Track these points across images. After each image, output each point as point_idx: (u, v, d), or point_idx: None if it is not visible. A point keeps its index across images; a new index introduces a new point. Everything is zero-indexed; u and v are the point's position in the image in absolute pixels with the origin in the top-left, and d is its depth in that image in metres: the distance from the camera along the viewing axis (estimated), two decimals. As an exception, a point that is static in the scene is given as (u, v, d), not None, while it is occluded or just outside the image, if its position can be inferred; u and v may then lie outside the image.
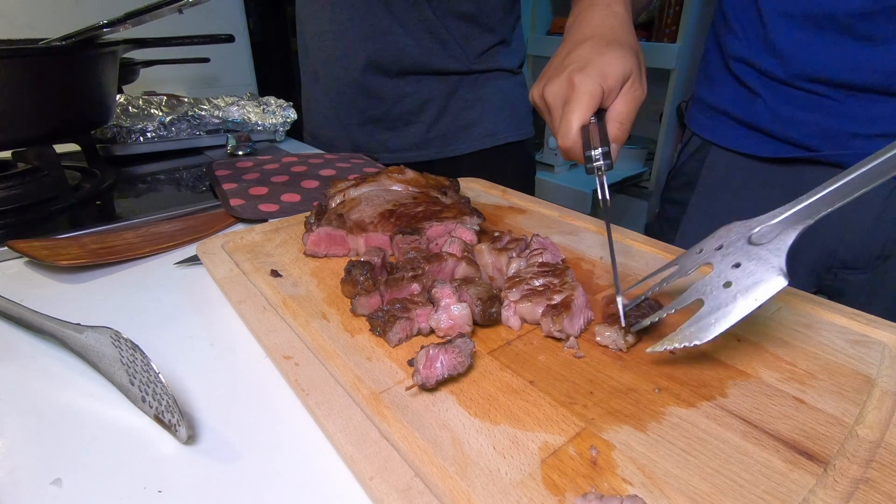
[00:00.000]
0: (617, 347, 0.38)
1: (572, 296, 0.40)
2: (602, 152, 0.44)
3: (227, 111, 1.01)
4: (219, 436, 0.33)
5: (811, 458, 0.29)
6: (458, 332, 0.40)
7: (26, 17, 1.33)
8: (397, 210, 0.55)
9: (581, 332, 0.41)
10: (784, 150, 0.64)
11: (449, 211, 0.55)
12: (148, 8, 0.65)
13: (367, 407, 0.32)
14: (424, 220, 0.53)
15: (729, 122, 0.70)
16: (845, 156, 0.60)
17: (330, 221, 0.52)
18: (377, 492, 0.27)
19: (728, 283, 0.34)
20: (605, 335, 0.39)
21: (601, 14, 0.52)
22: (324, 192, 0.60)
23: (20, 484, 0.29)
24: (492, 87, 0.97)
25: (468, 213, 0.54)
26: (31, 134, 0.67)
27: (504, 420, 0.32)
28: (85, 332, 0.37)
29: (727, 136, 0.71)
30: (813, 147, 0.62)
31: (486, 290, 0.41)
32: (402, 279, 0.44)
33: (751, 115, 0.66)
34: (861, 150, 0.59)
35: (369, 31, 0.89)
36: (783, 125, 0.63)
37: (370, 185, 0.59)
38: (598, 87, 0.46)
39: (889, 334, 0.40)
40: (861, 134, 0.59)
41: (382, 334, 0.39)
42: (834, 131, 0.60)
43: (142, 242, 0.58)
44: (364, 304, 0.42)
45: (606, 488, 0.27)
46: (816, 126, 0.61)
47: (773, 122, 0.64)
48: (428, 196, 0.58)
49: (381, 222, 0.53)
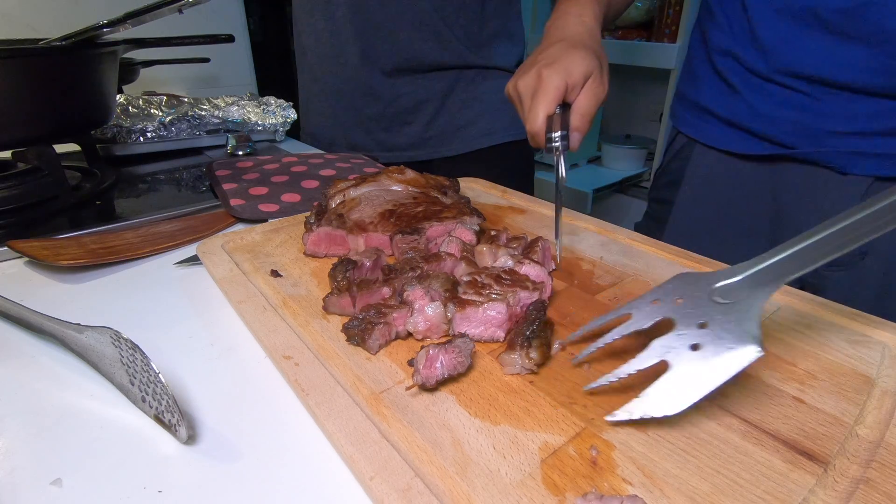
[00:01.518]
0: (527, 370, 0.36)
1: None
2: (561, 135, 0.50)
3: (227, 111, 1.01)
4: (219, 436, 0.33)
5: (811, 458, 0.29)
6: (436, 332, 0.39)
7: (26, 17, 1.33)
8: (397, 210, 0.55)
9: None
10: (763, 147, 0.66)
11: (449, 211, 0.55)
12: (148, 8, 0.65)
13: (367, 407, 0.32)
14: (425, 220, 0.53)
15: (712, 119, 0.71)
16: (822, 153, 0.61)
17: (330, 221, 0.52)
18: (377, 492, 0.27)
19: (696, 346, 0.31)
20: (511, 363, 0.36)
21: (573, 22, 0.59)
22: (324, 192, 0.60)
23: (20, 484, 0.29)
24: (489, 85, 0.97)
25: (468, 213, 0.54)
26: (31, 134, 0.67)
27: (504, 420, 0.32)
28: (85, 332, 0.37)
29: (710, 133, 0.72)
30: (791, 144, 0.63)
31: (448, 280, 0.41)
32: (374, 282, 0.43)
33: (732, 113, 0.68)
34: (837, 147, 0.60)
35: (363, 27, 0.89)
36: (762, 122, 0.65)
37: (370, 185, 0.59)
38: (562, 82, 0.51)
39: (889, 334, 0.40)
40: (838, 132, 0.60)
41: (361, 343, 0.38)
42: (811, 129, 0.61)
43: (142, 242, 0.58)
44: (335, 303, 0.42)
45: (606, 488, 0.27)
46: (794, 123, 0.62)
47: (752, 119, 0.65)
48: (428, 196, 0.58)
49: (381, 222, 0.53)
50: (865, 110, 0.58)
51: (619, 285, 0.48)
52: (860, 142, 0.59)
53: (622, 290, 0.47)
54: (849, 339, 0.40)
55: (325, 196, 0.59)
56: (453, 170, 0.89)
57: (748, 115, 0.66)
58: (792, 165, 0.65)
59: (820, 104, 0.60)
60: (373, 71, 0.92)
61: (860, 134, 0.59)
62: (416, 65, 0.92)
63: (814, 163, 0.62)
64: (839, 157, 0.60)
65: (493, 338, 0.40)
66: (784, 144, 0.64)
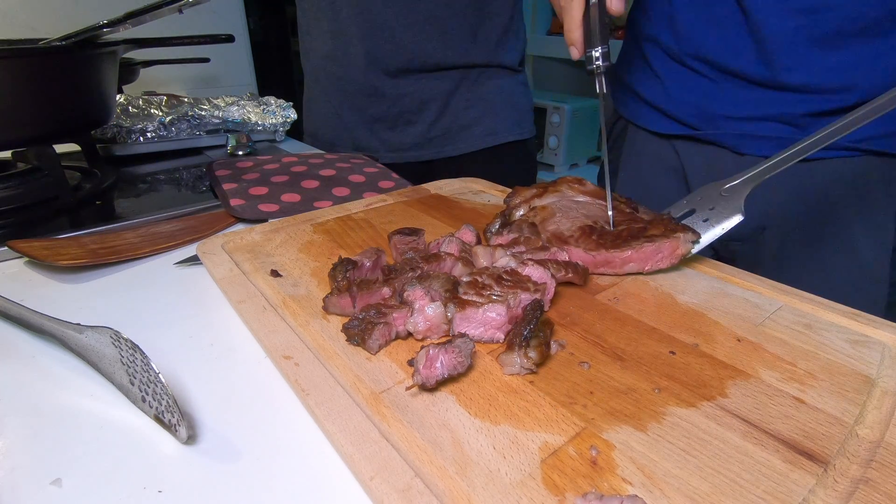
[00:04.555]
0: (527, 370, 0.36)
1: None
2: (602, 52, 0.51)
3: (227, 111, 1.01)
4: (219, 436, 0.33)
5: (811, 458, 0.29)
6: (436, 332, 0.39)
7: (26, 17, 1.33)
8: (597, 227, 0.51)
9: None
10: (675, 127, 0.72)
11: (655, 228, 0.49)
12: (148, 8, 0.65)
13: (367, 407, 0.32)
14: (632, 238, 0.48)
15: (638, 100, 0.76)
16: (720, 135, 0.67)
17: (521, 229, 0.51)
18: (377, 492, 0.27)
19: (706, 220, 0.51)
20: (510, 363, 0.36)
21: None
22: (505, 201, 0.59)
23: (20, 484, 0.29)
24: (493, 85, 0.97)
25: (681, 230, 0.48)
26: (31, 134, 0.66)
27: (504, 420, 0.32)
28: (85, 332, 0.37)
29: (637, 112, 0.77)
30: (695, 126, 0.69)
31: (448, 281, 0.41)
32: (374, 282, 0.43)
33: (652, 95, 0.73)
34: (732, 130, 0.66)
35: (368, 27, 0.89)
36: (674, 104, 0.71)
37: (554, 195, 0.57)
38: None
39: (889, 334, 0.40)
40: (732, 116, 0.66)
41: (361, 343, 0.38)
42: (711, 112, 0.67)
43: (142, 242, 0.58)
44: (335, 303, 0.42)
45: (606, 488, 0.27)
46: (697, 107, 0.68)
47: (666, 101, 0.72)
48: (622, 212, 0.53)
49: (581, 237, 0.50)
50: (753, 97, 0.64)
51: (620, 285, 0.48)
52: (749, 125, 0.65)
53: (622, 290, 0.47)
54: (849, 339, 0.40)
55: (508, 205, 0.58)
56: (455, 169, 0.89)
57: (663, 98, 0.72)
58: (698, 145, 0.71)
59: (718, 89, 0.66)
60: (377, 71, 0.92)
61: (748, 119, 0.65)
62: (420, 65, 0.92)
63: (713, 143, 0.68)
64: (734, 138, 0.66)
65: (493, 339, 0.40)
66: (690, 125, 0.70)
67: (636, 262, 0.48)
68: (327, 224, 0.61)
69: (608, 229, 0.51)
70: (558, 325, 0.42)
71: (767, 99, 0.63)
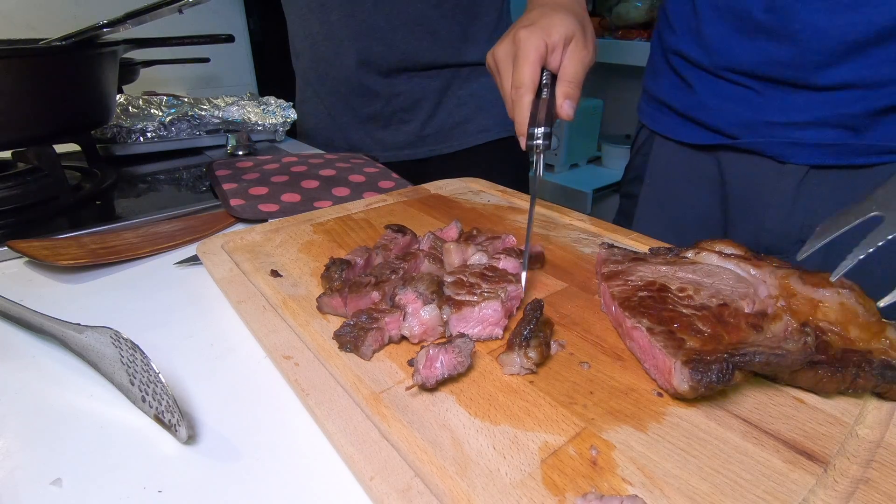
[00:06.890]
0: (526, 370, 0.36)
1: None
2: (544, 132, 0.48)
3: (227, 111, 1.01)
4: (219, 436, 0.33)
5: (811, 458, 0.29)
6: (432, 335, 0.39)
7: (26, 17, 1.33)
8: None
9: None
10: (711, 137, 0.69)
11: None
12: (148, 8, 0.65)
13: (367, 407, 0.32)
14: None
15: (668, 111, 0.74)
16: (762, 143, 0.64)
17: None
18: (377, 492, 0.27)
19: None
20: (510, 363, 0.36)
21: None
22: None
23: (20, 484, 0.29)
24: (485, 82, 0.97)
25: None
26: (31, 134, 0.67)
27: (504, 420, 0.32)
28: (85, 332, 0.37)
29: (667, 124, 0.75)
30: (734, 135, 0.66)
31: (433, 282, 0.41)
32: (365, 285, 0.43)
33: (684, 106, 0.71)
34: (775, 138, 0.62)
35: (358, 29, 0.90)
36: (710, 114, 0.68)
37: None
38: (541, 42, 0.50)
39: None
40: (776, 123, 0.62)
41: (354, 350, 0.38)
42: (752, 120, 0.64)
43: (142, 242, 0.58)
44: (327, 303, 0.42)
45: (606, 488, 0.27)
46: (738, 116, 0.65)
47: (701, 111, 0.69)
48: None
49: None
50: (799, 103, 0.60)
51: (619, 285, 0.48)
52: (795, 132, 0.62)
53: (622, 290, 0.47)
54: (849, 339, 0.40)
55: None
56: (450, 167, 0.89)
57: (698, 108, 0.69)
58: (736, 154, 0.67)
59: (760, 97, 0.63)
60: (369, 71, 0.93)
61: (794, 125, 0.61)
62: (411, 64, 0.92)
63: (755, 152, 0.65)
64: (777, 146, 0.63)
65: (492, 335, 0.40)
66: (729, 135, 0.67)
67: None
68: (327, 224, 0.61)
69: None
70: (558, 325, 0.42)
71: (818, 101, 0.59)
